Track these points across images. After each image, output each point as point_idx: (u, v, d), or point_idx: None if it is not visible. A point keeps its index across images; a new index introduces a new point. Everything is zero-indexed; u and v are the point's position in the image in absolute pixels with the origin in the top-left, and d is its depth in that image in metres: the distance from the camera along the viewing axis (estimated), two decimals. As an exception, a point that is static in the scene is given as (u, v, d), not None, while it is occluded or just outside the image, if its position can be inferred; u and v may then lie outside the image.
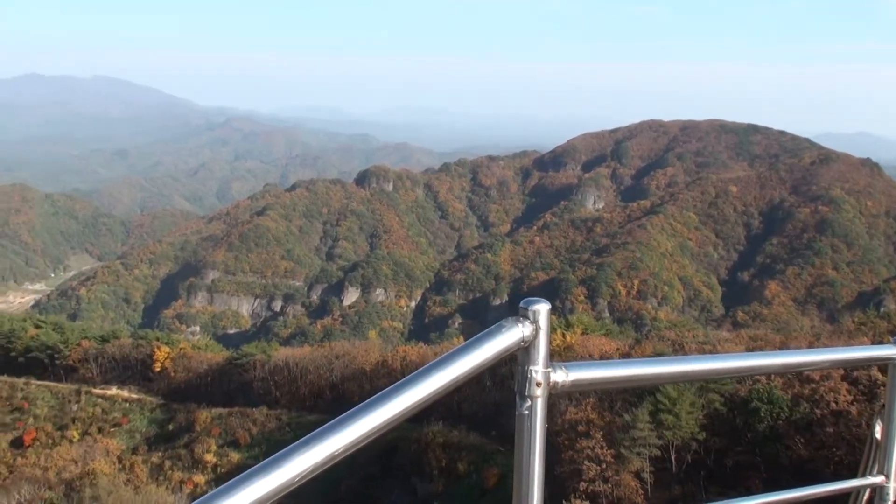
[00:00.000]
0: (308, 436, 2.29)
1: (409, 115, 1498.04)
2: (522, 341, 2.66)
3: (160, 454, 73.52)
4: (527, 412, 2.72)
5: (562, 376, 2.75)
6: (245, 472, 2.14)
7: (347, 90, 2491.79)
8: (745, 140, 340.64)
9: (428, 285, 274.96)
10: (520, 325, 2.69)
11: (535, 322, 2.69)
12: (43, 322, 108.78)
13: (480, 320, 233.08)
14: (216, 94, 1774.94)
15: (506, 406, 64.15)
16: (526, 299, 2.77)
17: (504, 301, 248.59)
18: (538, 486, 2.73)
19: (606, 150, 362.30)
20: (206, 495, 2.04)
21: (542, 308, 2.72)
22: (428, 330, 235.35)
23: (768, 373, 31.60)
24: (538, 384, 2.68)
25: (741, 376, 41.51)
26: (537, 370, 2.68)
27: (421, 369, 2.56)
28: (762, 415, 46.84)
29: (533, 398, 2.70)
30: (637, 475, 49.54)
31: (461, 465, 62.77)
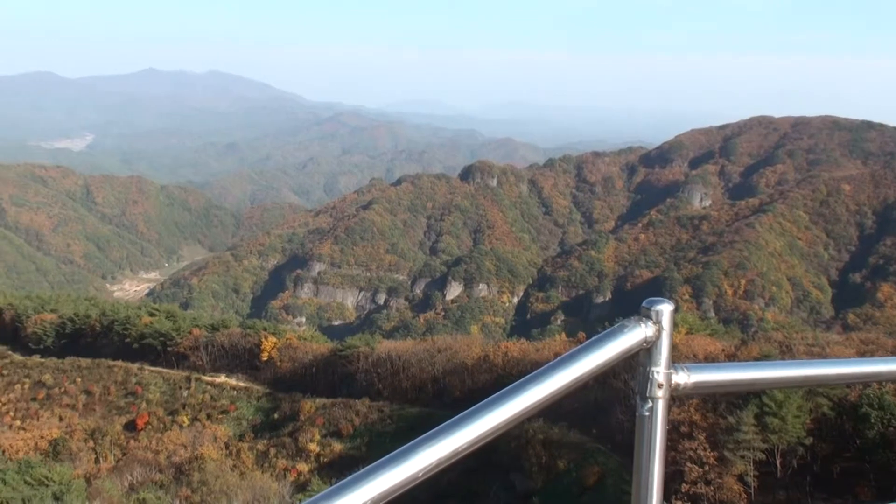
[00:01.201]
0: (432, 431, 2.27)
1: (514, 110, 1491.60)
2: (645, 342, 2.65)
3: (265, 442, 75.05)
4: (647, 413, 2.70)
5: (683, 378, 2.73)
6: (372, 465, 2.14)
7: (454, 85, 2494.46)
8: (858, 137, 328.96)
9: (531, 281, 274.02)
10: (642, 325, 2.66)
11: (657, 322, 2.67)
12: (156, 310, 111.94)
13: (583, 318, 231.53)
14: (325, 90, 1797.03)
15: (607, 404, 63.75)
16: (649, 299, 2.74)
17: (607, 299, 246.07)
18: (657, 489, 2.70)
19: (714, 146, 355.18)
20: (334, 486, 2.04)
21: (666, 308, 2.70)
22: (530, 326, 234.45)
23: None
24: (660, 386, 2.67)
25: (871, 382, 40.49)
26: (659, 371, 2.67)
27: (543, 368, 2.50)
28: (872, 421, 45.54)
29: (654, 400, 2.68)
30: (741, 479, 48.73)
31: (561, 463, 62.55)
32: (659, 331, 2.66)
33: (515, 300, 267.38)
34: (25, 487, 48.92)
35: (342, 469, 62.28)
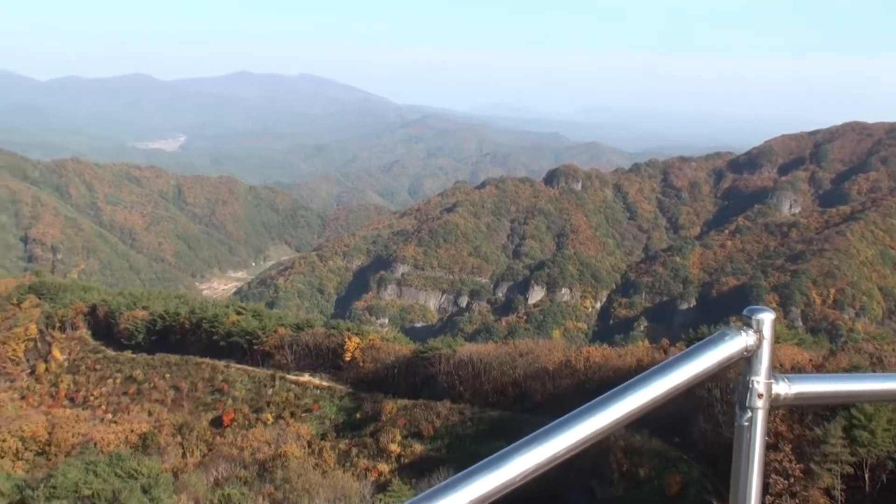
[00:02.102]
0: (530, 435, 2.24)
1: (599, 114, 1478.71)
2: (745, 351, 2.59)
3: (347, 441, 75.85)
4: (746, 424, 2.64)
5: (784, 388, 2.67)
6: (469, 469, 2.12)
7: (539, 89, 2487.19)
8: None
9: (614, 287, 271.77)
10: (743, 333, 2.61)
11: (758, 331, 2.62)
12: (243, 309, 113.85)
13: (666, 324, 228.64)
14: (412, 93, 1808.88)
15: (690, 413, 62.97)
16: (749, 307, 2.71)
17: (692, 305, 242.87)
18: (756, 501, 2.64)
19: (805, 152, 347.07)
20: (432, 489, 2.02)
21: (767, 317, 2.67)
22: (612, 332, 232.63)
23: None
24: (760, 396, 2.61)
25: None
26: (759, 381, 2.61)
27: (642, 375, 2.47)
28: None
29: (754, 410, 2.62)
30: (827, 492, 47.69)
31: (642, 471, 62.01)
32: (760, 340, 2.61)
33: (598, 305, 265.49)
34: (116, 479, 50.38)
35: (422, 470, 62.69)
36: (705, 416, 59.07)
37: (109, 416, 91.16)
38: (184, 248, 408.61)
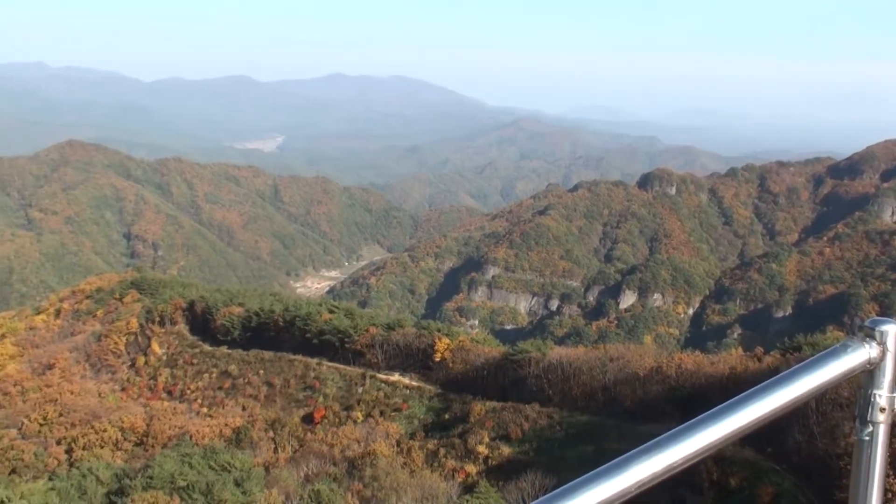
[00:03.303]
0: (647, 444, 2.20)
1: (695, 117, 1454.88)
2: (868, 363, 2.52)
3: (435, 441, 76.27)
4: (867, 438, 2.56)
5: None
6: (584, 476, 2.10)
7: (633, 91, 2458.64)
8: None
9: (707, 293, 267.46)
10: (866, 345, 2.53)
11: (882, 343, 2.54)
12: (336, 307, 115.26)
13: (761, 332, 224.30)
14: (505, 95, 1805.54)
15: (784, 423, 61.78)
16: (872, 319, 2.59)
17: (787, 313, 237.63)
18: None
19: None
20: (547, 495, 2.01)
21: (892, 329, 2.56)
22: (705, 338, 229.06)
23: None
24: (882, 410, 2.54)
25: None
26: (882, 395, 2.54)
27: (761, 385, 2.41)
28: None
29: (875, 424, 2.55)
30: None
31: (733, 480, 61.02)
32: (883, 352, 2.53)
33: (691, 311, 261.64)
34: (210, 472, 51.80)
35: (510, 473, 62.79)
36: (800, 427, 57.88)
37: (205, 409, 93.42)
38: (279, 246, 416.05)
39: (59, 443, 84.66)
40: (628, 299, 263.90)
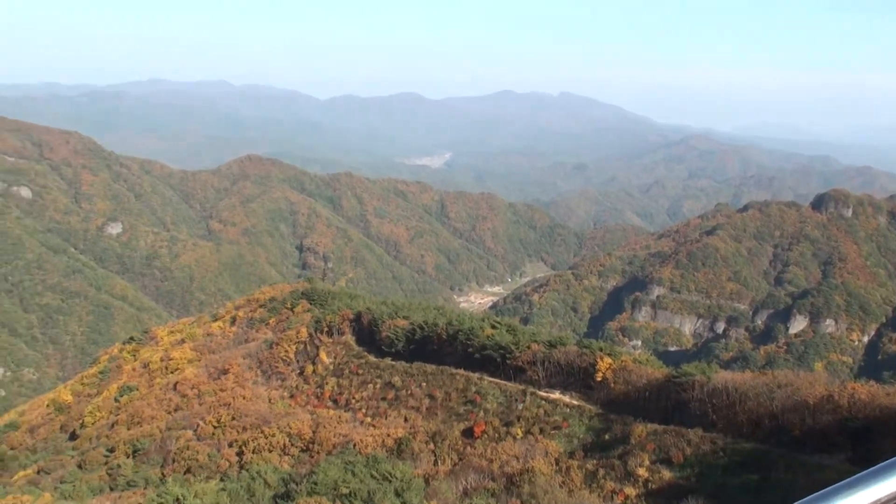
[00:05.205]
0: (863, 473, 2.07)
1: (874, 135, 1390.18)
2: None
3: (594, 462, 75.51)
4: None
5: None
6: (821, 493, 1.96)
7: (809, 108, 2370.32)
8: None
9: (884, 320, 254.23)
10: None
11: None
12: (498, 323, 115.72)
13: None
14: (674, 112, 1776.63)
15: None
16: None
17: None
18: None
19: None
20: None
21: None
22: (880, 368, 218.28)
23: None
24: None
25: None
26: None
27: None
28: None
29: None
30: None
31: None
32: None
33: (866, 339, 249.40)
34: (371, 481, 53.08)
35: (670, 498, 61.65)
36: None
37: (368, 419, 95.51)
38: (444, 261, 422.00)
39: (230, 445, 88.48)
40: (799, 324, 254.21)
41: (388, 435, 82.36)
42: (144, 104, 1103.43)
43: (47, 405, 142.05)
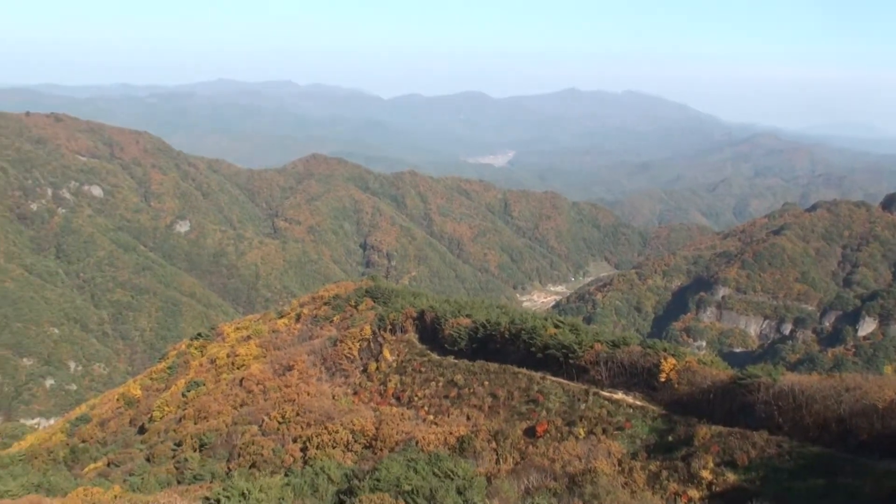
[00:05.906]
0: None
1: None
2: None
3: (657, 463, 74.99)
4: None
5: None
6: None
7: (885, 107, 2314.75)
8: None
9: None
10: None
11: None
12: (561, 322, 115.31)
13: None
14: (741, 111, 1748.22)
15: None
16: None
17: None
18: None
19: None
20: None
21: None
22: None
23: None
24: None
25: None
26: None
27: None
28: None
29: None
30: None
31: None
32: None
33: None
34: (433, 478, 53.53)
35: (735, 500, 61.15)
36: None
37: (431, 417, 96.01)
38: (507, 260, 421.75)
39: (295, 441, 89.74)
40: (868, 326, 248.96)
41: (451, 433, 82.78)
42: (213, 104, 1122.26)
43: (117, 399, 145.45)
